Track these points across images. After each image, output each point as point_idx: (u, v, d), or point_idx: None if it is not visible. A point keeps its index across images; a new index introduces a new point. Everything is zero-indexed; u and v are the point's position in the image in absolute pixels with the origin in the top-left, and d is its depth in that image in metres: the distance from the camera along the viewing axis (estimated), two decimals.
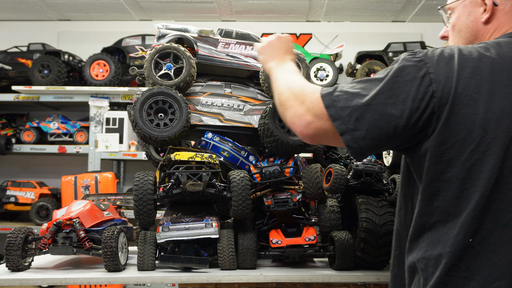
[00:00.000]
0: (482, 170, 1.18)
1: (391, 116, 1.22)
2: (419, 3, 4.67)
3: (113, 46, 4.73)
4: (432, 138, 1.22)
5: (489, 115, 1.18)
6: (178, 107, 2.10)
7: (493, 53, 1.25)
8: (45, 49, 4.76)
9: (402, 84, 1.23)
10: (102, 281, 1.88)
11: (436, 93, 1.20)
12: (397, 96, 1.22)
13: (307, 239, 2.05)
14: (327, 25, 5.31)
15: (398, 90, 1.23)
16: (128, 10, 5.04)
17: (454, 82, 1.20)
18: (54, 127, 4.56)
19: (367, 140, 1.25)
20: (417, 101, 1.21)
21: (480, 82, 1.20)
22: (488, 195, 1.18)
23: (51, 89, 4.43)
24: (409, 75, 1.23)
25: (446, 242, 1.21)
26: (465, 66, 1.22)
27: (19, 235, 1.91)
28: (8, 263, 1.88)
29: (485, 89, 1.19)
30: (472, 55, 1.23)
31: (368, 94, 1.25)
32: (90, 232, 2.02)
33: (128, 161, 5.08)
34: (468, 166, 1.19)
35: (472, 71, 1.21)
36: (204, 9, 4.99)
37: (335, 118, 1.26)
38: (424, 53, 1.26)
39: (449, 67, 1.22)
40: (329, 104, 1.28)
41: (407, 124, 1.22)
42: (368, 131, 1.24)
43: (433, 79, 1.21)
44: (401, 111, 1.22)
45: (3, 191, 4.46)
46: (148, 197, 1.94)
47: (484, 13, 1.40)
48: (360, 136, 1.25)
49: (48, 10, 5.07)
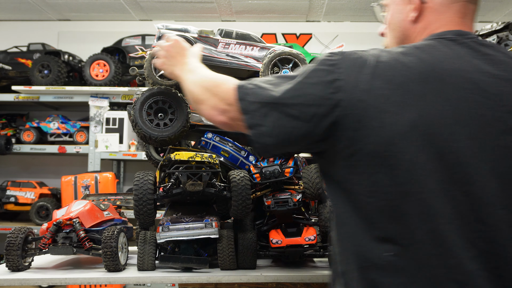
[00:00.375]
0: (391, 184, 1.11)
1: (294, 117, 1.17)
2: None
3: (113, 46, 4.73)
4: (340, 149, 1.16)
5: (397, 128, 1.09)
6: (178, 107, 2.10)
7: (411, 59, 1.15)
8: (45, 49, 4.76)
9: (309, 86, 1.17)
10: (102, 281, 1.88)
11: (342, 102, 1.12)
12: (302, 98, 1.17)
13: (307, 239, 2.05)
14: (327, 25, 5.31)
15: (304, 92, 1.17)
16: (128, 10, 5.04)
17: (364, 92, 1.11)
18: (54, 127, 4.56)
19: (271, 137, 1.20)
20: (320, 107, 1.14)
21: (392, 93, 1.11)
22: (397, 210, 1.11)
23: (51, 89, 4.43)
24: (319, 78, 1.17)
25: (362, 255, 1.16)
26: (378, 75, 1.13)
27: (19, 235, 1.91)
28: (8, 263, 1.88)
29: (396, 100, 1.10)
30: (388, 63, 1.15)
31: (278, 91, 1.20)
32: (90, 232, 2.02)
33: (128, 161, 5.08)
34: (376, 179, 1.12)
35: (384, 81, 1.12)
36: (204, 9, 4.99)
37: (245, 111, 1.24)
38: (341, 56, 1.19)
39: (362, 75, 1.13)
40: (241, 96, 1.26)
41: (308, 129, 1.16)
42: (273, 128, 1.20)
43: (341, 86, 1.13)
44: (303, 115, 1.16)
45: (3, 191, 4.46)
46: (148, 196, 1.94)
47: (412, 11, 1.30)
48: (265, 132, 1.21)
49: (48, 10, 5.07)
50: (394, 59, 1.15)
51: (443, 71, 1.14)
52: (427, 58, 1.16)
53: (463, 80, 1.13)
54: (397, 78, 1.12)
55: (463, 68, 1.15)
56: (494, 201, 1.10)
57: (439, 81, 1.13)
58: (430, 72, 1.13)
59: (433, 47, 1.20)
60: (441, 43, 1.21)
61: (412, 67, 1.13)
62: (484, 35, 3.40)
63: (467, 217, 1.09)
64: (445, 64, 1.15)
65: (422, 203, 1.10)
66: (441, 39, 1.22)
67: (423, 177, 1.09)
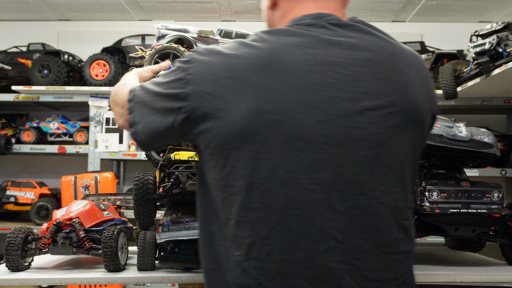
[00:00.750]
0: (236, 178, 1.08)
1: (158, 114, 1.20)
2: (419, 3, 4.67)
3: (113, 46, 4.73)
4: (198, 143, 1.16)
5: (240, 117, 1.06)
6: None
7: (256, 47, 1.12)
8: (45, 49, 4.75)
9: (167, 84, 1.19)
10: (102, 281, 1.88)
11: (190, 96, 1.12)
12: (162, 95, 1.19)
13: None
14: None
15: (163, 88, 1.19)
16: (128, 10, 5.04)
17: (210, 84, 1.10)
18: (54, 127, 4.55)
19: (144, 134, 1.24)
20: (174, 102, 1.15)
21: (234, 82, 1.09)
22: (245, 205, 1.07)
23: (51, 89, 4.42)
24: (175, 75, 1.18)
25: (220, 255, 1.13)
26: (223, 64, 1.11)
27: (19, 235, 1.91)
28: (8, 263, 1.88)
29: (238, 90, 1.08)
30: (232, 52, 1.13)
31: (153, 89, 1.23)
32: (90, 232, 2.02)
33: (128, 161, 5.08)
34: (226, 173, 1.09)
35: (228, 70, 1.10)
36: (204, 9, 4.99)
37: (130, 111, 1.27)
38: (195, 51, 1.18)
39: (208, 66, 1.12)
40: (130, 99, 1.29)
41: (168, 124, 1.18)
42: (145, 125, 1.23)
43: (190, 80, 1.13)
44: (163, 111, 1.18)
45: (3, 191, 4.46)
46: (148, 197, 1.94)
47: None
48: (140, 129, 1.24)
49: (48, 10, 5.07)
50: (240, 48, 1.13)
51: (288, 57, 1.10)
52: (273, 45, 1.12)
53: (312, 63, 1.09)
54: (240, 67, 1.10)
55: (314, 52, 1.11)
56: (349, 187, 1.05)
57: (284, 67, 1.09)
58: (275, 59, 1.10)
59: (284, 33, 1.16)
60: (297, 29, 1.17)
61: (255, 55, 1.11)
62: (484, 35, 3.40)
63: (319, 206, 1.04)
64: (292, 49, 1.11)
65: (269, 195, 1.05)
66: (298, 25, 1.19)
67: (268, 167, 1.05)
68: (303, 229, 1.04)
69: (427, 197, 2.09)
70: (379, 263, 1.06)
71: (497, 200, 2.06)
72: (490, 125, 4.25)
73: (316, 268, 1.03)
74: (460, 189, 2.08)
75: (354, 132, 1.07)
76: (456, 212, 2.02)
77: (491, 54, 3.26)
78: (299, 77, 1.08)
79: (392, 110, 1.11)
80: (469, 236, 2.16)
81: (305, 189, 1.04)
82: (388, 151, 1.09)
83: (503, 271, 2.03)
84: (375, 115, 1.09)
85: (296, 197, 1.04)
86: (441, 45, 4.67)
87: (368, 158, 1.07)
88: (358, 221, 1.06)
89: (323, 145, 1.05)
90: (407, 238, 1.12)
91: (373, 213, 1.07)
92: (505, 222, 2.11)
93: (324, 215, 1.04)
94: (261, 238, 1.05)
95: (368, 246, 1.06)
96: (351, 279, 1.04)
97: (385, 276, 1.07)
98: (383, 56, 1.15)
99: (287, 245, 1.04)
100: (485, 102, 4.21)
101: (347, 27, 1.19)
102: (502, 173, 4.14)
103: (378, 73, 1.12)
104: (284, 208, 1.04)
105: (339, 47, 1.13)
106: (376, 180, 1.08)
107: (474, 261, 2.34)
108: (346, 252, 1.04)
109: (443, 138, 2.08)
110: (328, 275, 1.03)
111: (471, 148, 2.08)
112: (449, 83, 3.77)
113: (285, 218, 1.04)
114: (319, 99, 1.07)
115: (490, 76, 3.32)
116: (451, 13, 4.91)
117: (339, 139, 1.06)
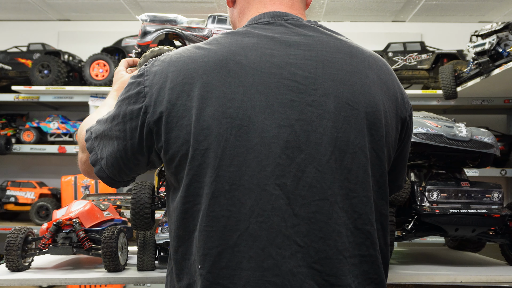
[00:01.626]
0: (201, 186, 1.04)
1: (117, 139, 1.12)
2: (419, 3, 4.67)
3: (113, 46, 4.73)
4: (163, 156, 1.09)
5: (201, 123, 1.03)
6: None
7: (212, 50, 1.09)
8: (45, 49, 4.76)
9: (123, 103, 1.12)
10: (102, 281, 1.88)
11: (148, 108, 1.07)
12: (120, 117, 1.12)
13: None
14: (327, 25, 5.31)
15: (119, 110, 1.12)
16: (128, 10, 5.04)
17: (166, 92, 1.06)
18: (54, 127, 4.55)
19: (110, 167, 1.16)
20: (134, 119, 1.09)
21: (193, 87, 1.05)
22: (210, 214, 1.03)
23: (51, 89, 4.42)
24: (129, 92, 1.12)
25: (187, 270, 1.08)
26: (180, 71, 1.07)
27: (19, 235, 1.91)
28: (8, 263, 1.88)
29: (197, 94, 1.04)
30: (190, 57, 1.09)
31: (109, 116, 1.15)
32: (90, 232, 2.02)
33: None
34: (188, 182, 1.05)
35: (185, 76, 1.06)
36: (204, 9, 4.99)
37: (90, 150, 1.19)
38: (150, 63, 1.14)
39: (164, 75, 1.08)
40: (87, 137, 1.21)
41: (133, 145, 1.11)
42: (108, 158, 1.15)
43: (146, 92, 1.08)
44: (123, 132, 1.11)
45: (3, 191, 4.46)
46: (145, 211, 1.90)
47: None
48: (105, 164, 1.16)
49: (48, 10, 5.07)
50: (196, 52, 1.10)
51: (246, 59, 1.07)
52: (230, 47, 1.09)
53: (271, 65, 1.07)
54: (197, 71, 1.06)
55: (272, 53, 1.09)
56: (310, 192, 1.04)
57: (242, 70, 1.06)
58: (232, 61, 1.07)
59: (242, 34, 1.13)
60: (254, 29, 1.14)
61: (211, 57, 1.07)
62: (484, 35, 3.40)
63: (283, 212, 1.02)
64: (249, 51, 1.08)
65: (236, 202, 1.02)
66: (256, 24, 1.17)
67: (233, 174, 1.02)
68: (270, 236, 1.02)
69: (427, 197, 2.09)
70: (341, 268, 1.06)
71: (497, 200, 2.06)
72: (490, 125, 4.25)
73: (283, 274, 1.02)
74: (460, 189, 2.08)
75: (314, 137, 1.05)
76: (456, 212, 2.02)
77: (491, 54, 3.26)
78: (259, 80, 1.05)
79: (352, 113, 1.08)
80: (469, 236, 2.16)
81: (270, 195, 1.02)
82: (349, 155, 1.07)
83: (503, 271, 2.03)
84: (335, 119, 1.07)
85: (262, 203, 1.02)
86: (441, 45, 4.67)
87: (330, 162, 1.05)
88: (321, 226, 1.04)
89: (285, 150, 1.03)
90: (367, 242, 1.10)
91: (335, 219, 1.06)
92: (505, 222, 2.11)
93: (288, 221, 1.03)
94: (230, 246, 1.02)
95: (330, 251, 1.05)
96: (313, 283, 1.03)
97: (347, 281, 1.06)
98: (341, 58, 1.12)
99: (255, 252, 1.02)
100: (485, 102, 4.21)
101: (305, 27, 1.17)
102: (502, 173, 4.14)
103: (336, 75, 1.10)
104: (251, 215, 1.02)
105: (296, 48, 1.11)
106: (337, 185, 1.06)
107: (474, 261, 2.34)
108: (309, 256, 1.03)
109: (443, 138, 2.08)
110: (293, 280, 1.02)
111: (471, 148, 2.08)
112: (449, 83, 3.77)
113: (253, 225, 1.02)
114: (279, 103, 1.05)
115: (490, 76, 3.32)
116: (451, 13, 4.91)
117: (300, 144, 1.04)
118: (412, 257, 2.49)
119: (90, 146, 1.19)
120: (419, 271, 2.04)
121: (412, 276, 1.96)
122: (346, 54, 1.14)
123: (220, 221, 1.02)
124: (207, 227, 1.03)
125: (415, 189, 2.15)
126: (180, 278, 1.09)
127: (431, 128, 2.12)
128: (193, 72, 1.06)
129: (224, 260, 1.02)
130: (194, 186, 1.05)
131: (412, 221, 2.15)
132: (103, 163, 1.16)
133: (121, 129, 1.11)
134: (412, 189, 2.15)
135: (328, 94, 1.07)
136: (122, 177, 1.20)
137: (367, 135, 1.10)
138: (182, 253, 1.08)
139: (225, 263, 1.02)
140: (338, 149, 1.06)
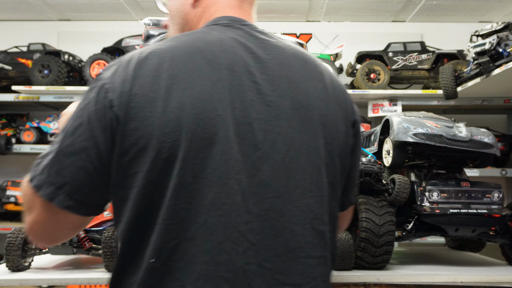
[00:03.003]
0: (168, 179, 1.00)
1: (86, 148, 1.02)
2: (419, 3, 4.67)
3: (113, 46, 4.73)
4: (115, 150, 1.02)
5: (167, 115, 1.00)
6: None
7: (175, 46, 1.08)
8: (45, 49, 4.76)
9: (83, 111, 1.05)
10: (102, 281, 1.88)
11: (113, 102, 1.02)
12: (82, 126, 1.03)
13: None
14: (327, 25, 5.31)
15: (81, 119, 1.04)
16: (128, 10, 5.04)
17: (129, 84, 1.03)
18: (54, 127, 4.55)
19: (76, 192, 1.04)
20: (101, 120, 1.02)
21: (158, 79, 1.02)
22: (171, 207, 1.00)
23: (51, 89, 4.42)
24: (88, 98, 1.06)
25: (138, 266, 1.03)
26: (143, 64, 1.05)
27: (19, 235, 1.91)
28: (8, 263, 1.88)
29: (162, 86, 1.02)
30: (154, 51, 1.07)
31: (58, 142, 1.06)
32: (90, 232, 2.02)
33: None
34: (152, 177, 1.00)
35: (150, 68, 1.04)
36: None
37: (38, 187, 1.04)
38: (105, 68, 1.10)
39: (126, 70, 1.05)
40: (31, 177, 1.07)
41: (107, 148, 1.02)
42: (73, 179, 1.03)
43: (108, 88, 1.03)
44: (92, 138, 1.02)
45: (3, 191, 4.46)
46: None
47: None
48: (70, 189, 1.03)
49: (48, 10, 5.07)
50: (161, 45, 1.09)
51: (211, 55, 1.08)
52: (194, 42, 1.09)
53: (234, 63, 1.08)
54: (163, 64, 1.04)
55: (233, 52, 1.10)
56: (264, 190, 1.04)
57: (207, 64, 1.06)
58: (196, 56, 1.06)
59: (204, 32, 1.15)
60: (214, 29, 1.16)
61: (177, 50, 1.07)
62: (484, 35, 3.40)
63: (239, 208, 1.02)
64: (213, 47, 1.09)
65: (197, 194, 1.00)
66: (215, 25, 1.18)
67: (197, 166, 1.01)
68: (227, 231, 1.01)
69: (427, 197, 2.09)
70: (292, 267, 1.05)
71: (497, 200, 2.07)
72: (490, 125, 4.25)
73: (235, 270, 1.01)
74: (460, 189, 2.08)
75: (271, 136, 1.06)
76: (456, 212, 2.02)
77: (491, 54, 3.27)
78: (224, 76, 1.06)
79: (306, 115, 1.11)
80: (469, 236, 2.16)
81: (230, 189, 1.02)
82: (304, 155, 1.09)
83: (503, 271, 2.03)
84: (291, 119, 1.09)
85: (222, 196, 1.01)
86: (441, 45, 4.67)
87: (285, 161, 1.07)
88: (273, 224, 1.04)
89: (242, 147, 1.04)
90: (322, 243, 1.10)
91: (288, 217, 1.06)
92: (505, 222, 2.11)
93: (242, 217, 1.02)
94: (187, 238, 1.00)
95: (281, 250, 1.05)
96: (262, 281, 1.02)
97: (297, 280, 1.05)
98: (296, 62, 1.17)
99: (211, 246, 1.00)
100: (485, 102, 4.21)
101: (262, 33, 1.21)
102: (502, 173, 4.15)
103: (292, 77, 1.13)
104: (210, 208, 1.01)
105: (255, 51, 1.14)
106: (292, 184, 1.07)
107: (474, 261, 2.34)
108: (259, 254, 1.03)
109: (443, 138, 2.08)
110: (243, 277, 1.01)
111: (471, 148, 2.09)
112: (449, 83, 3.77)
113: (211, 218, 1.01)
114: (240, 101, 1.06)
115: (490, 76, 3.32)
116: (451, 13, 4.91)
117: (256, 142, 1.05)
118: (412, 257, 2.49)
119: (37, 183, 1.05)
120: (419, 271, 2.04)
121: (412, 276, 1.96)
122: (300, 60, 1.19)
123: (180, 214, 1.00)
124: (166, 220, 1.00)
125: (415, 189, 2.15)
126: (130, 273, 1.05)
127: (431, 128, 2.12)
128: (158, 65, 1.05)
129: (179, 253, 1.00)
130: (158, 179, 1.01)
131: (412, 221, 2.15)
132: (66, 189, 1.03)
133: (88, 136, 1.03)
134: (412, 189, 2.15)
135: (284, 96, 1.10)
136: (94, 197, 1.09)
137: (321, 137, 1.13)
138: (133, 248, 1.05)
139: (180, 256, 1.00)
140: (293, 148, 1.08)
